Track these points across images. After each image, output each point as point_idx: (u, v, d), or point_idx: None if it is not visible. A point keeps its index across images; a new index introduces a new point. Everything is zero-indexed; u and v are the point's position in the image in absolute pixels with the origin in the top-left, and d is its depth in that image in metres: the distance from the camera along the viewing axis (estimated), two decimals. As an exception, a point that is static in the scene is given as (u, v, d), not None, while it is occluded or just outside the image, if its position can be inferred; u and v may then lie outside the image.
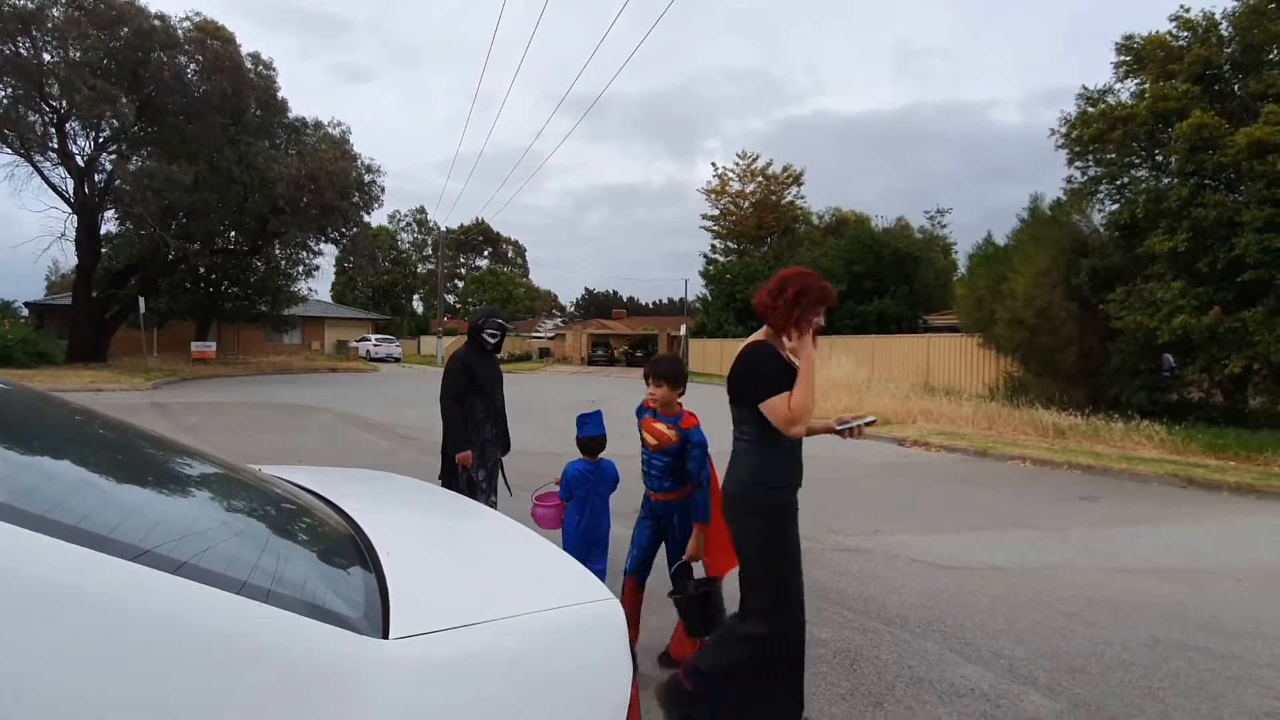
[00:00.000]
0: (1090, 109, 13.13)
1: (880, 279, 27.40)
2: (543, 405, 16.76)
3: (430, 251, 62.30)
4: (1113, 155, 12.94)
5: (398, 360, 38.03)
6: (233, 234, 26.63)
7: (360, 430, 10.70)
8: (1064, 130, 13.52)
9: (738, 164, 39.56)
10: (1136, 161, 12.92)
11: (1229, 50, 11.87)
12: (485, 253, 69.39)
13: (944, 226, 32.48)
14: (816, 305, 2.40)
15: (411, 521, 1.67)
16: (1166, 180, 11.71)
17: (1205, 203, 10.54)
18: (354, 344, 37.64)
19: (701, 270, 38.89)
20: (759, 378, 2.30)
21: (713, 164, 47.00)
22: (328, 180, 22.94)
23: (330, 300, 50.67)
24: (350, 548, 1.26)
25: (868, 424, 2.46)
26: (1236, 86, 11.85)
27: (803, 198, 40.15)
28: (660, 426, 3.07)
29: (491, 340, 4.34)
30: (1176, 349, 10.76)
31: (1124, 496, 7.14)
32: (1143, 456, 8.93)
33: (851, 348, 20.64)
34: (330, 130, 26.17)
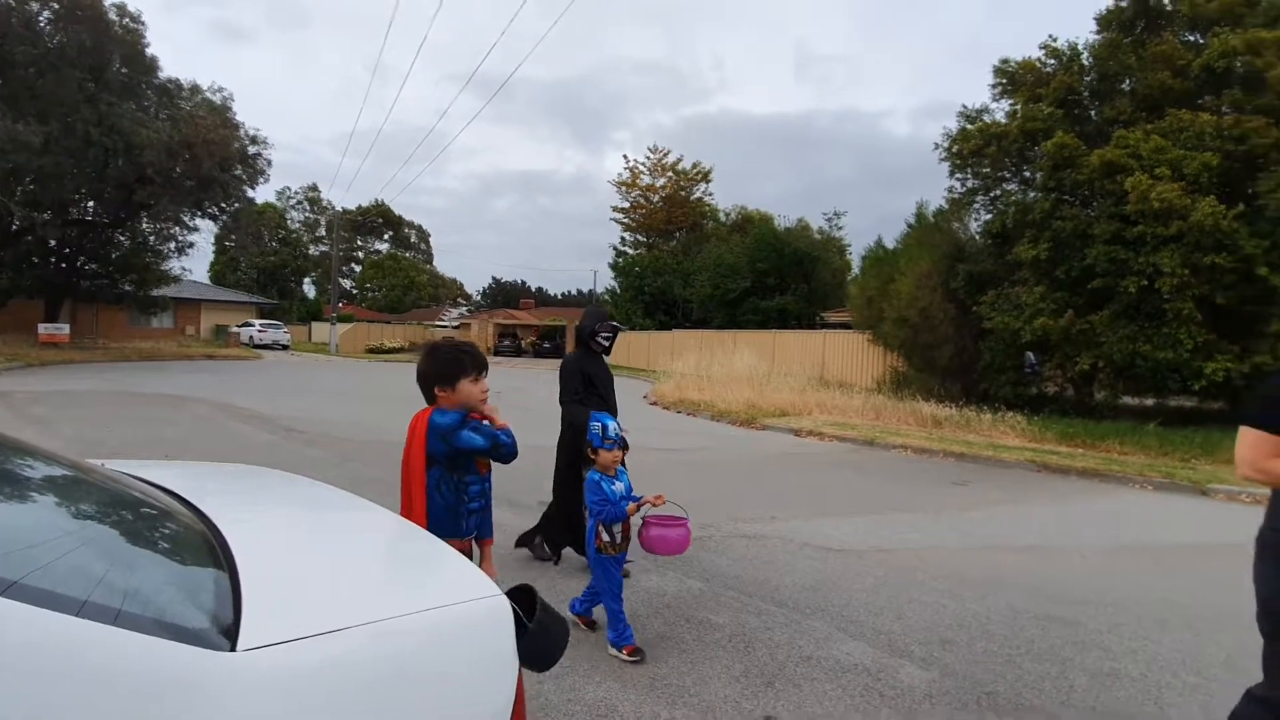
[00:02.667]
0: (969, 126, 14.21)
1: (782, 277, 28.52)
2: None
3: (324, 233, 58.61)
4: (988, 169, 14.08)
5: (286, 348, 35.57)
6: (91, 204, 23.89)
7: (238, 422, 9.92)
8: (946, 144, 14.56)
9: (649, 158, 39.88)
10: (1008, 176, 14.12)
11: (1088, 78, 13.19)
12: (385, 236, 66.14)
13: (840, 229, 34.27)
14: None
15: (282, 520, 1.55)
16: (1032, 194, 12.88)
17: (1064, 216, 11.68)
18: (235, 329, 34.82)
19: (611, 262, 38.97)
20: (1255, 397, 2.11)
21: (624, 156, 47.04)
22: (206, 150, 21.01)
23: (209, 282, 46.64)
24: (202, 551, 1.14)
25: None
26: (1093, 112, 13.19)
27: (711, 194, 41.10)
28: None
29: (606, 343, 4.37)
30: (1037, 348, 11.90)
31: (990, 481, 7.81)
32: (1006, 444, 9.81)
33: (754, 342, 21.35)
34: (210, 96, 24.01)
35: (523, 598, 1.98)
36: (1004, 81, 13.98)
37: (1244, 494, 7.30)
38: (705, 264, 31.44)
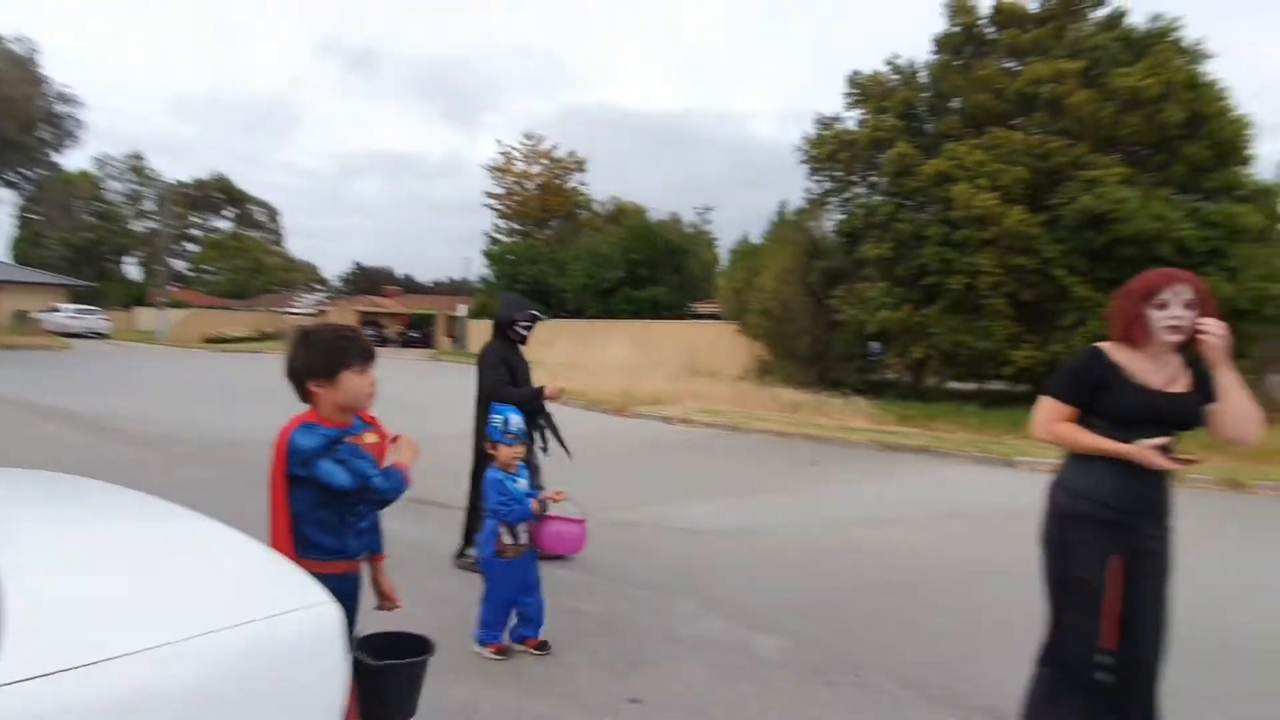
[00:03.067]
0: (825, 132, 15.24)
1: (654, 268, 29.10)
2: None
3: (152, 207, 51.82)
4: (841, 173, 15.18)
5: (103, 335, 31.15)
6: None
7: (45, 421, 8.58)
8: (805, 148, 15.53)
9: (524, 144, 39.06)
10: (858, 180, 15.31)
11: (925, 95, 14.57)
12: (227, 213, 59.70)
13: (710, 223, 35.43)
14: (1149, 295, 2.02)
15: (68, 532, 1.34)
16: (878, 198, 14.07)
17: (903, 219, 12.86)
18: (39, 314, 29.94)
19: (484, 250, 37.83)
20: (1056, 371, 2.36)
21: (498, 141, 45.83)
22: (4, 107, 17.85)
23: (9, 260, 39.80)
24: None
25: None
26: (929, 125, 14.60)
27: (585, 184, 41.00)
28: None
29: (525, 332, 4.20)
30: (880, 338, 13.06)
31: (840, 461, 8.48)
32: (854, 426, 10.70)
33: (627, 332, 21.66)
34: (10, 45, 20.36)
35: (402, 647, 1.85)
36: (855, 92, 15.11)
37: (1044, 464, 8.47)
38: (580, 253, 31.39)
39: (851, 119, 15.30)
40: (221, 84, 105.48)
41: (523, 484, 3.11)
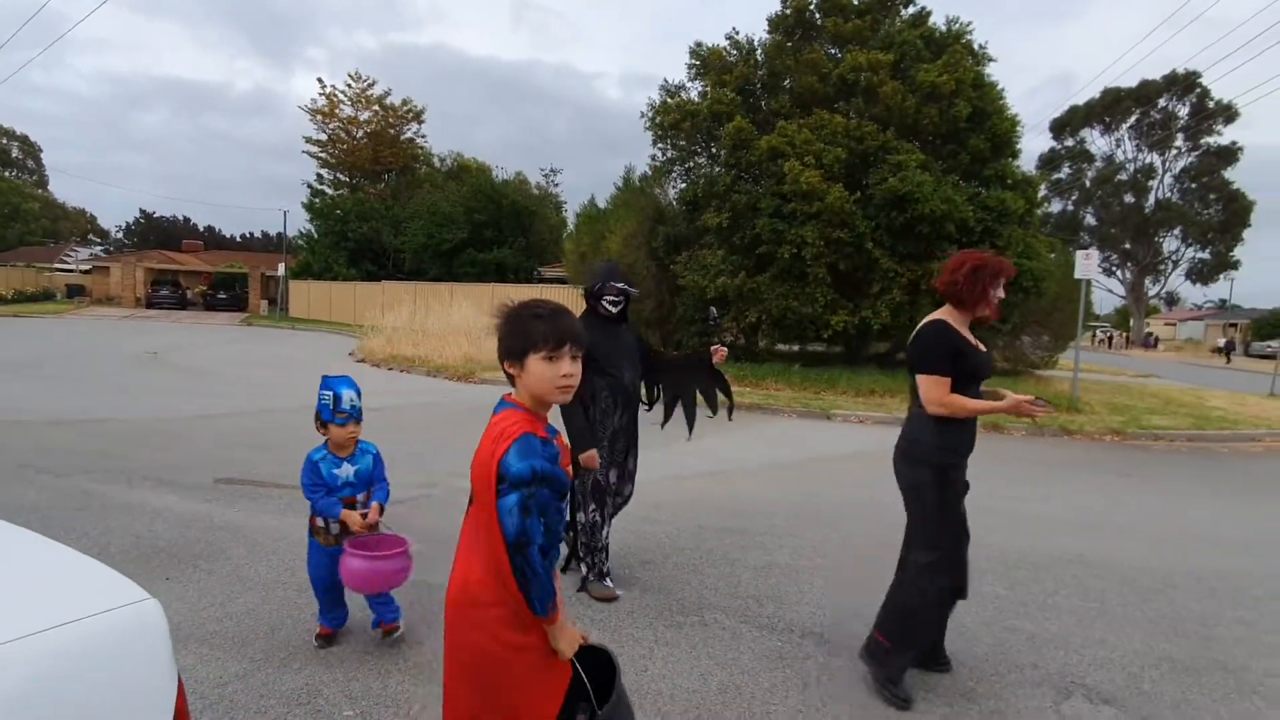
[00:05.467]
0: (669, 100, 15.52)
1: (500, 229, 28.20)
2: (87, 357, 12.80)
3: None
4: (684, 142, 15.60)
5: None
6: None
7: None
8: (650, 114, 15.73)
9: (350, 86, 35.59)
10: (699, 150, 15.84)
11: (761, 73, 15.31)
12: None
13: (557, 185, 34.97)
14: (995, 277, 2.52)
15: None
16: (718, 169, 14.68)
17: (740, 190, 13.56)
18: None
19: (306, 202, 34.27)
20: (920, 350, 2.54)
21: (319, 80, 41.22)
22: None
23: None
24: None
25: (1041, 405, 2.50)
26: (764, 103, 15.40)
27: (424, 136, 38.47)
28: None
29: (612, 308, 3.43)
30: (719, 303, 13.80)
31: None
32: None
33: (472, 295, 20.90)
34: None
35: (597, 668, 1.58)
36: (697, 64, 15.51)
37: (854, 417, 9.55)
38: (419, 211, 29.54)
39: (694, 89, 15.73)
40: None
41: (348, 470, 2.72)
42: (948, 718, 2.48)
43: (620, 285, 3.40)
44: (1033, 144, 74.06)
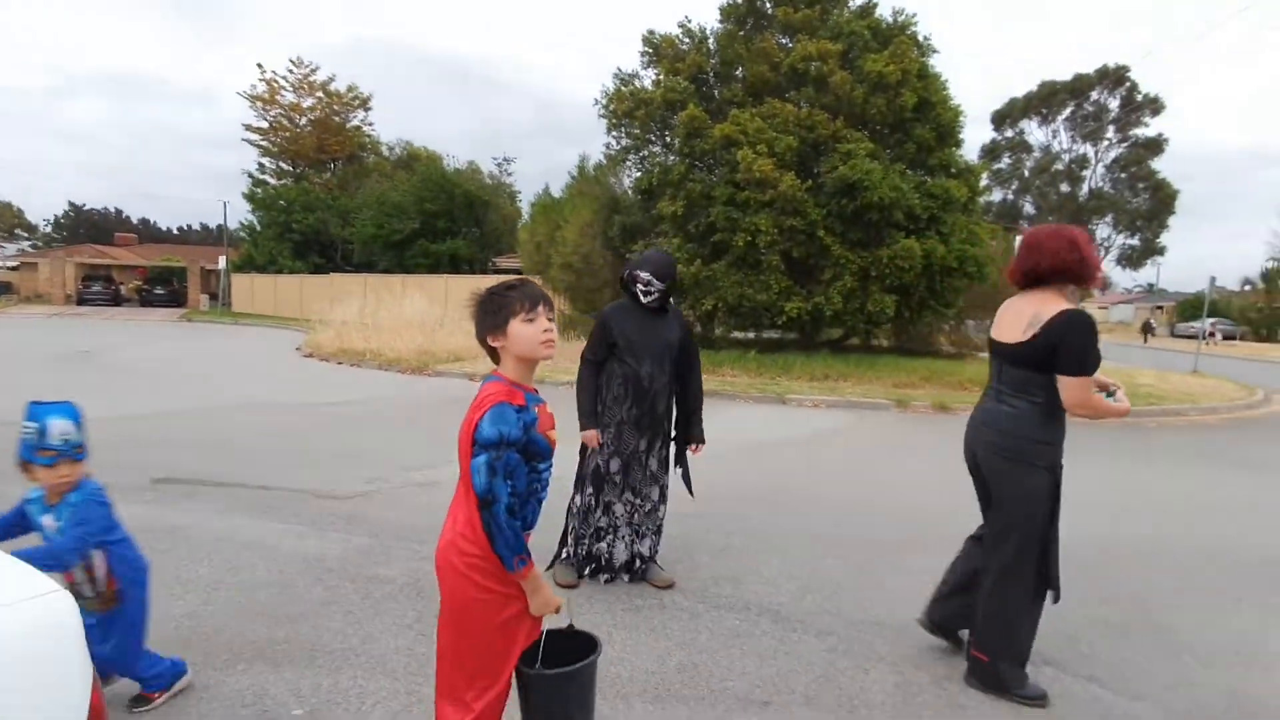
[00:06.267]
0: (623, 88, 15.43)
1: (453, 219, 27.65)
2: (14, 356, 12.06)
3: None
4: (638, 131, 15.53)
5: None
6: None
7: None
8: (604, 103, 15.60)
9: (292, 72, 34.25)
10: (654, 139, 15.80)
11: (714, 61, 15.34)
12: None
13: (510, 175, 34.45)
14: (1089, 242, 2.42)
15: None
16: (672, 158, 14.67)
17: (695, 179, 13.60)
18: None
19: (247, 192, 32.91)
20: (1074, 348, 2.29)
21: (259, 65, 39.45)
22: None
23: None
24: None
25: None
26: (716, 91, 15.44)
27: (371, 124, 37.38)
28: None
29: (645, 299, 3.24)
30: (675, 291, 13.86)
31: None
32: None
33: (425, 287, 20.48)
34: None
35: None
36: (650, 52, 15.44)
37: (809, 401, 9.73)
38: (368, 202, 28.71)
39: (648, 78, 15.66)
40: None
41: (51, 524, 2.09)
42: (900, 685, 2.55)
43: (646, 276, 3.22)
44: (975, 134, 76.46)
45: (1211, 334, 31.14)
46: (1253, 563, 3.92)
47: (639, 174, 15.53)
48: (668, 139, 15.41)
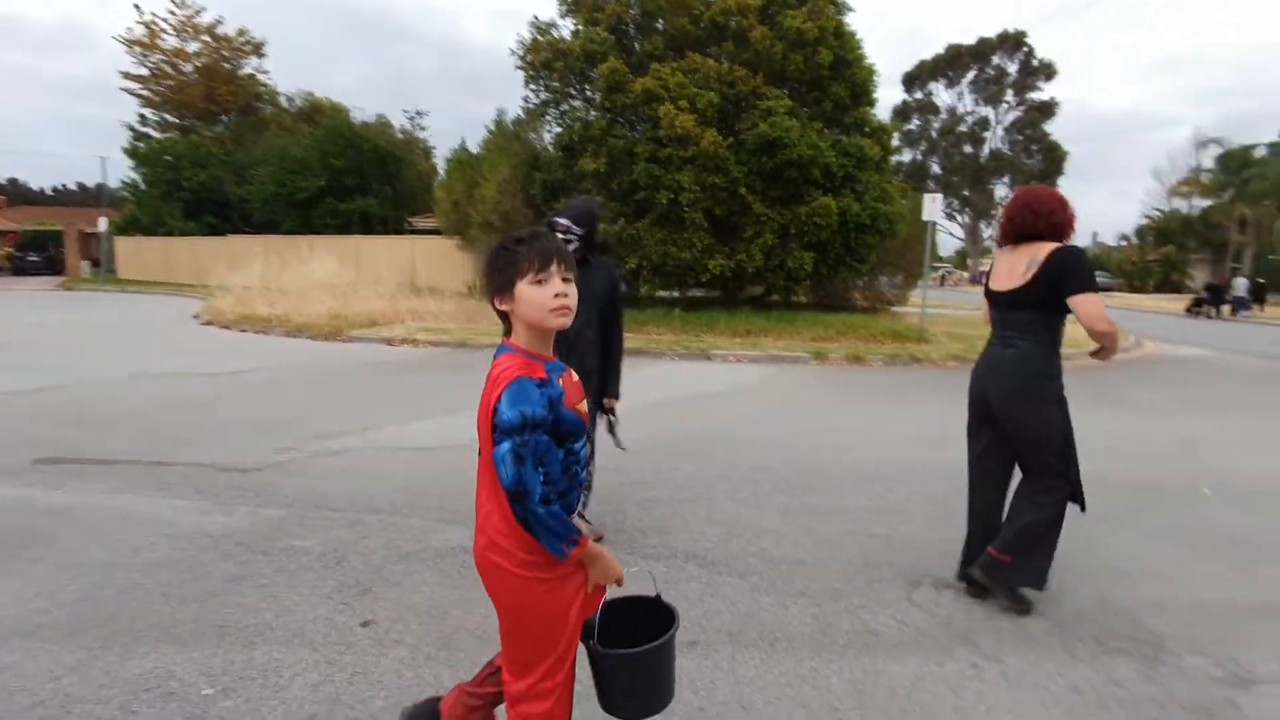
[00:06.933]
0: (540, 37, 14.83)
1: (362, 177, 26.10)
2: None
3: None
4: (556, 84, 15.04)
5: None
6: None
7: None
8: (520, 53, 14.97)
9: (174, 14, 30.92)
10: (573, 93, 15.35)
11: (634, 12, 14.92)
12: None
13: (424, 129, 32.69)
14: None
15: None
16: (593, 113, 14.33)
17: (617, 135, 13.36)
18: None
19: (128, 147, 29.85)
20: (1078, 272, 2.52)
21: (135, 6, 35.40)
22: None
23: None
24: None
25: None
26: (637, 44, 15.08)
27: (266, 72, 34.43)
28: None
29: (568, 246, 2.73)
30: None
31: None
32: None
33: (335, 248, 19.40)
34: None
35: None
36: (568, 0, 14.86)
37: (732, 356, 9.94)
38: (267, 157, 26.62)
39: (566, 27, 15.11)
40: None
41: None
42: (818, 616, 2.69)
43: (565, 223, 3.08)
44: (887, 96, 78.54)
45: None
46: (1127, 490, 4.33)
47: (559, 129, 15.12)
48: (588, 93, 15.01)
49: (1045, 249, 2.58)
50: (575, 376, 1.54)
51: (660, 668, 1.55)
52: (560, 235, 3.08)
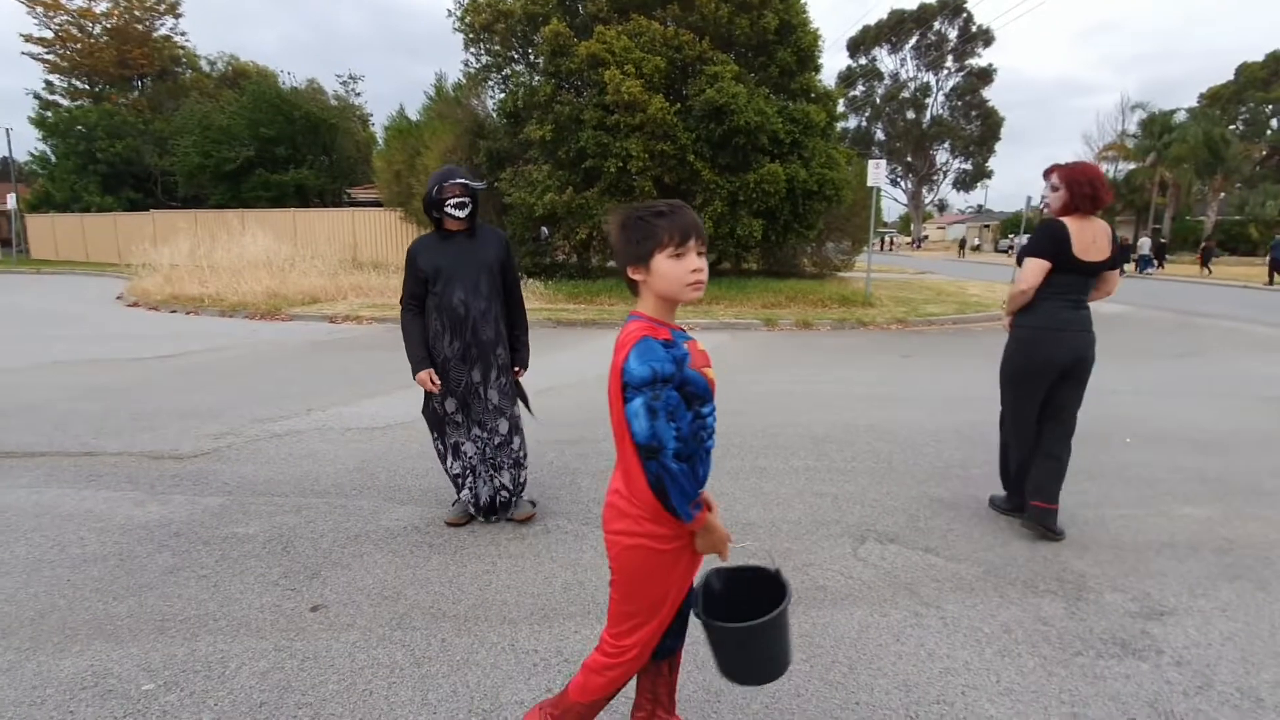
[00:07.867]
0: (479, -1, 14.24)
1: (295, 146, 24.90)
2: None
3: None
4: (498, 47, 14.53)
5: None
6: None
7: None
8: (459, 14, 14.37)
9: (71, -35, 28.51)
10: (516, 57, 14.87)
11: (575, -29, 14.44)
12: None
13: (359, 95, 31.36)
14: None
15: None
16: (537, 78, 13.93)
17: (563, 101, 13.03)
18: None
19: (35, 117, 27.66)
20: (1122, 248, 2.74)
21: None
22: None
23: None
24: None
25: None
26: (581, 5, 14.65)
27: (184, 33, 32.34)
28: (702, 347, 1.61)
29: (457, 213, 2.97)
30: (548, 221, 13.46)
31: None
32: (529, 308, 11.11)
33: (269, 222, 18.54)
34: None
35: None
36: (508, -42, 14.27)
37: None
38: (188, 126, 25.06)
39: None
40: None
41: None
42: (767, 577, 2.76)
43: (461, 181, 2.96)
44: (832, 62, 78.84)
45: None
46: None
47: (503, 95, 14.66)
48: (531, 57, 14.58)
49: (1103, 225, 2.99)
50: (701, 345, 1.57)
51: (772, 640, 1.56)
52: (457, 199, 3.00)
